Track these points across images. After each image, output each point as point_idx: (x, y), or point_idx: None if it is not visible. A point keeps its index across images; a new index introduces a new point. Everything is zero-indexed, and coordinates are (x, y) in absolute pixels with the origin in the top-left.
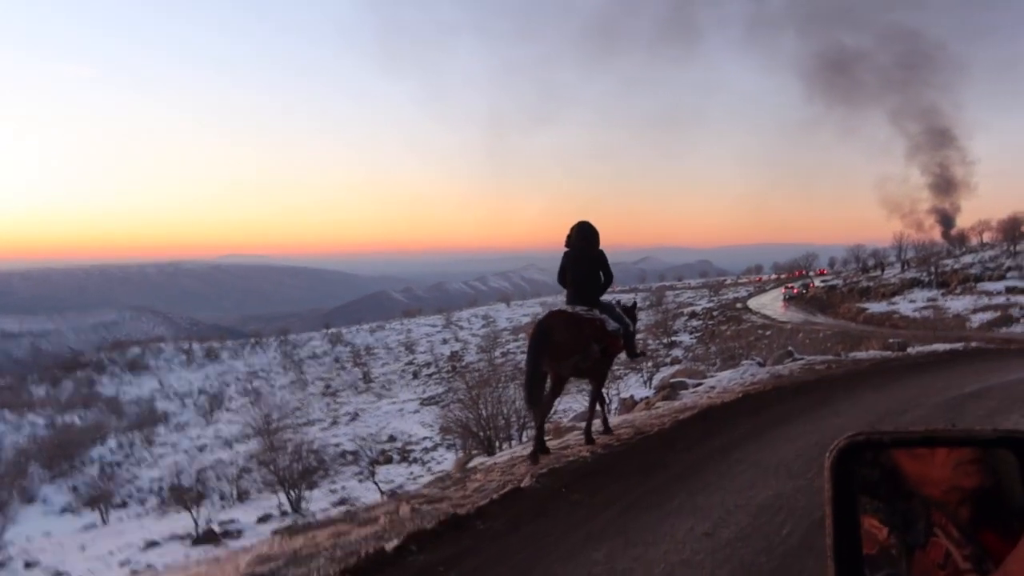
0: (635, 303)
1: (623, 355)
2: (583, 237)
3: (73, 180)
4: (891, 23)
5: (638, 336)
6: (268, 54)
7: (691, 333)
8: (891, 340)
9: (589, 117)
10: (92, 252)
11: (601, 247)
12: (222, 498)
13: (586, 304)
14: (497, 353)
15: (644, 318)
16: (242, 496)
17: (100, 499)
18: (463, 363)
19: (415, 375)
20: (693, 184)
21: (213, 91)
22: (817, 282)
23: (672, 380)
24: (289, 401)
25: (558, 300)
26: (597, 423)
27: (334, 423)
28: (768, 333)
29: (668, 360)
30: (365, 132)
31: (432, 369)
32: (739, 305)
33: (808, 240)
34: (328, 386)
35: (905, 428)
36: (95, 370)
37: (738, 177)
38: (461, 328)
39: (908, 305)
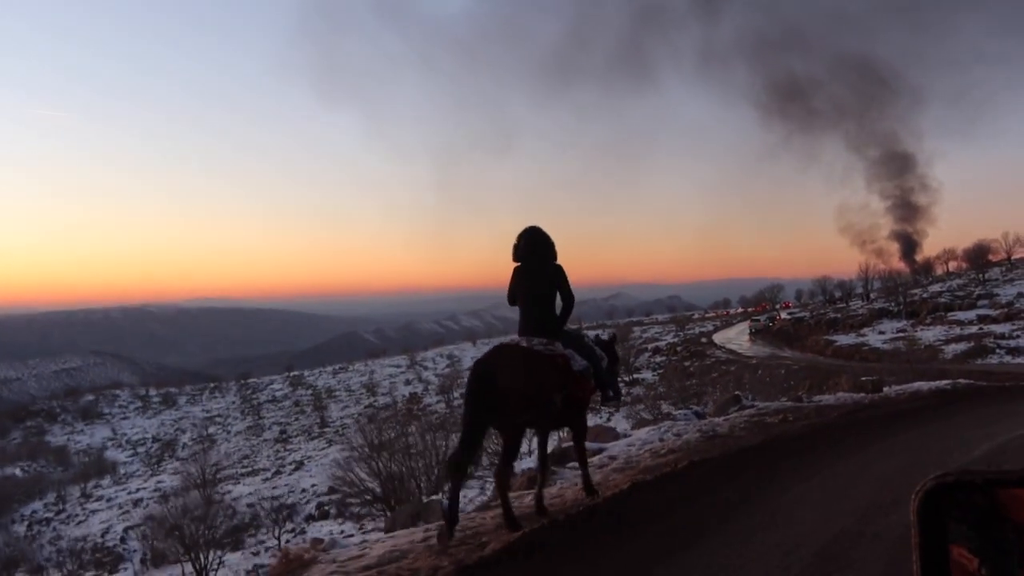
0: (614, 336)
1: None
2: (532, 248)
3: (37, 224)
4: (842, 51)
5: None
6: (210, 92)
7: (654, 370)
8: (863, 378)
9: (546, 149)
10: (56, 298)
11: (557, 262)
12: (143, 561)
13: (544, 335)
14: (456, 394)
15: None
16: (157, 560)
17: (8, 566)
18: (421, 405)
19: (370, 419)
20: (658, 219)
21: (168, 133)
22: (784, 315)
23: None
24: (239, 448)
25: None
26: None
27: (277, 473)
28: (732, 368)
29: (628, 399)
30: (328, 172)
31: (389, 412)
32: (704, 340)
33: (774, 274)
34: (283, 431)
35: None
36: (46, 419)
37: (701, 211)
38: (425, 368)
39: (877, 336)
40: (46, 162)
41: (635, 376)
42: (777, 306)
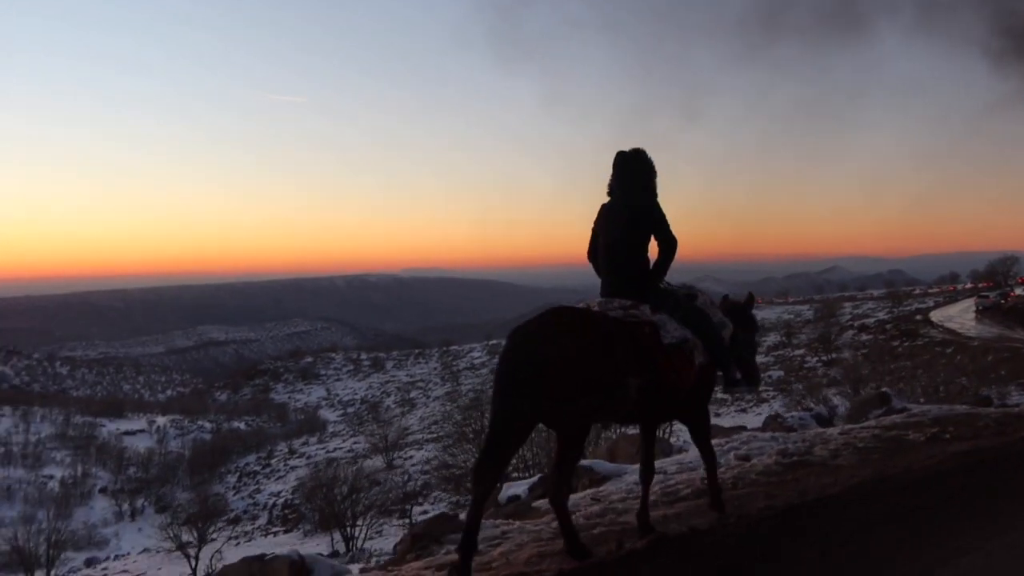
0: (751, 298)
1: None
2: (622, 175)
3: (276, 201)
4: None
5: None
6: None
7: (857, 350)
8: None
9: (738, 113)
10: (289, 267)
11: (658, 197)
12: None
13: (630, 295)
14: None
15: (806, 332)
16: (325, 523)
17: (199, 518)
18: None
19: None
20: (876, 187)
21: (399, 109)
22: (1019, 291)
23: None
24: (432, 414)
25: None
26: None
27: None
28: (948, 351)
29: (824, 380)
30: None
31: None
32: (918, 317)
33: (1009, 246)
34: (476, 398)
35: None
36: (271, 378)
37: (925, 177)
38: None
39: None
40: (280, 143)
41: (832, 356)
42: (1011, 281)
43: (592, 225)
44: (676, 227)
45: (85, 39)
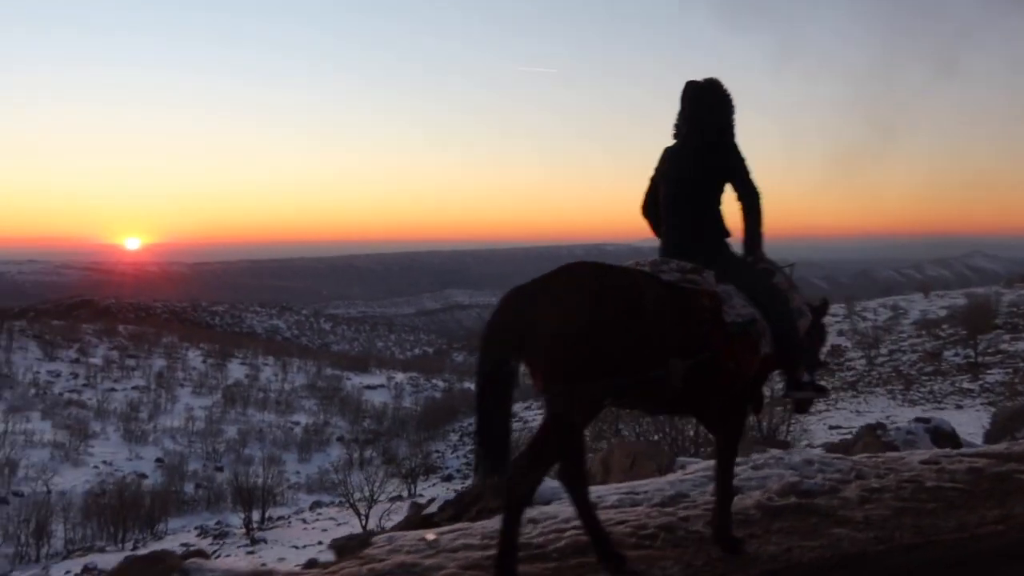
0: (825, 303)
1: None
2: (692, 110)
3: (519, 169)
4: None
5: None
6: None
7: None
8: None
9: (1002, 67)
10: (531, 235)
11: (734, 136)
12: None
13: (696, 256)
14: (883, 351)
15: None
16: None
17: (425, 472)
18: (841, 359)
19: None
20: None
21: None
22: None
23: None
24: None
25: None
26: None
27: None
28: None
29: (978, 391)
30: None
31: None
32: None
33: None
34: None
35: None
36: None
37: None
38: (863, 320)
39: None
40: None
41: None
42: None
43: (652, 173)
44: (933, 194)
45: (357, 23)
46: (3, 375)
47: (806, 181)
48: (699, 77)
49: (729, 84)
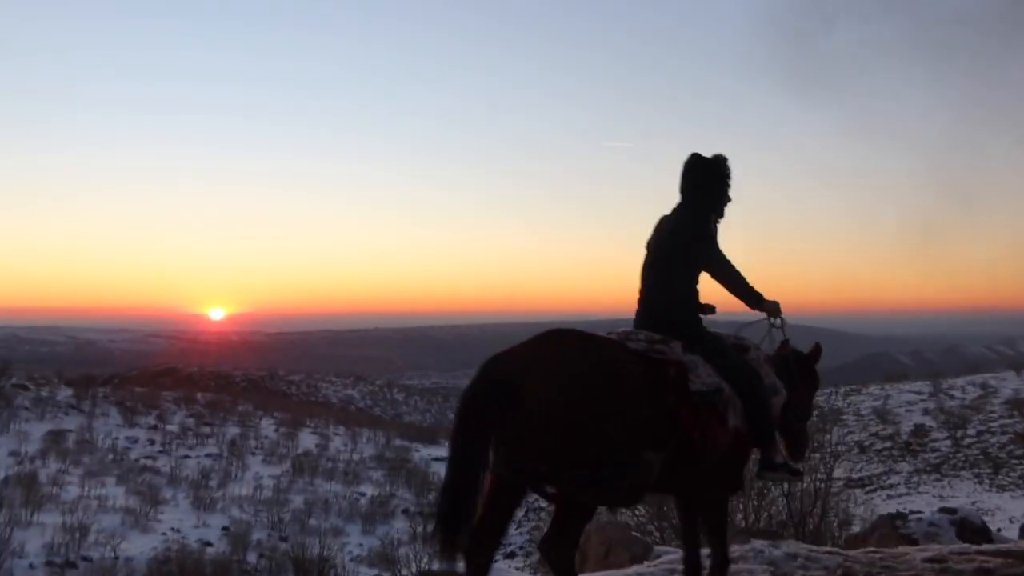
0: (817, 349)
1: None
2: (685, 180)
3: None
4: None
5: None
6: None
7: None
8: None
9: None
10: (596, 308)
11: (719, 210)
12: None
13: (663, 327)
14: (970, 431)
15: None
16: None
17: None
18: (925, 440)
19: (862, 448)
20: None
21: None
22: None
23: None
24: None
25: None
26: None
27: None
28: None
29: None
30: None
31: (873, 442)
32: None
33: None
34: None
35: None
36: None
37: None
38: (951, 398)
39: None
40: (612, 184)
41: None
42: None
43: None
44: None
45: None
46: (84, 441)
47: (888, 255)
48: (726, 152)
49: (787, 157)
